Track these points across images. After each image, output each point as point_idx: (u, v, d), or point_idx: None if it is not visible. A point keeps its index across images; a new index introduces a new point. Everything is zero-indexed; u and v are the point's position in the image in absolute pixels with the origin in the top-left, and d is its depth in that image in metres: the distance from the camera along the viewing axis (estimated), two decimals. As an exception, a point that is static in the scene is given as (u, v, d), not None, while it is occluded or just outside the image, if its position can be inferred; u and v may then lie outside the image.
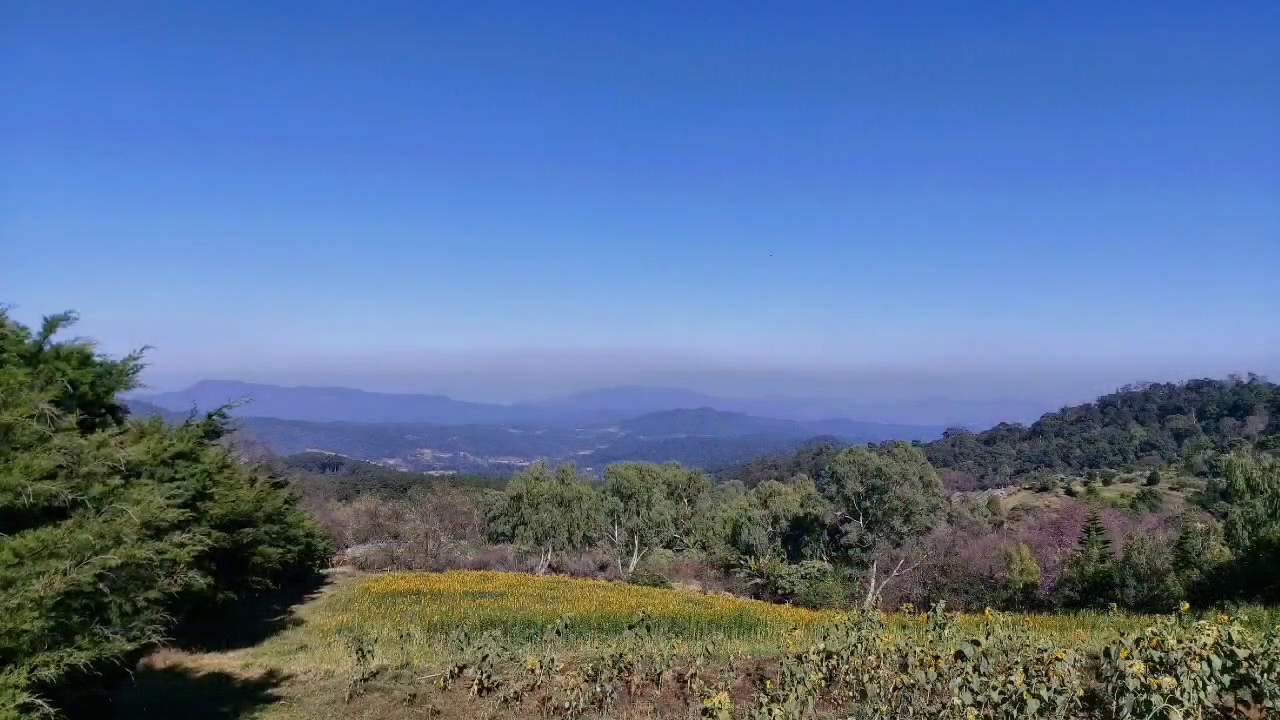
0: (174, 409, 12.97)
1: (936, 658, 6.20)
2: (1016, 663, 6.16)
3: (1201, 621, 5.81)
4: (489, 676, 8.02)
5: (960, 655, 5.93)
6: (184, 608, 9.22)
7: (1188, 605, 6.64)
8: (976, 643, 6.06)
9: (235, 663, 11.34)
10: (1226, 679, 5.35)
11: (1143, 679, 5.00)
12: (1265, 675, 5.30)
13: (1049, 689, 5.28)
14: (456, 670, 8.39)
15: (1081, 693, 5.56)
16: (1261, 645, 5.53)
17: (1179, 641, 5.47)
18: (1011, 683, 5.23)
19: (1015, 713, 5.14)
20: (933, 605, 8.13)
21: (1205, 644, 5.40)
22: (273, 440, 54.75)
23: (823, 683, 6.88)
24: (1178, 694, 4.93)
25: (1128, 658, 5.37)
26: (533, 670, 7.91)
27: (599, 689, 7.24)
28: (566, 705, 7.01)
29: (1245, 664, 5.39)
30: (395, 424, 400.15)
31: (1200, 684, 5.16)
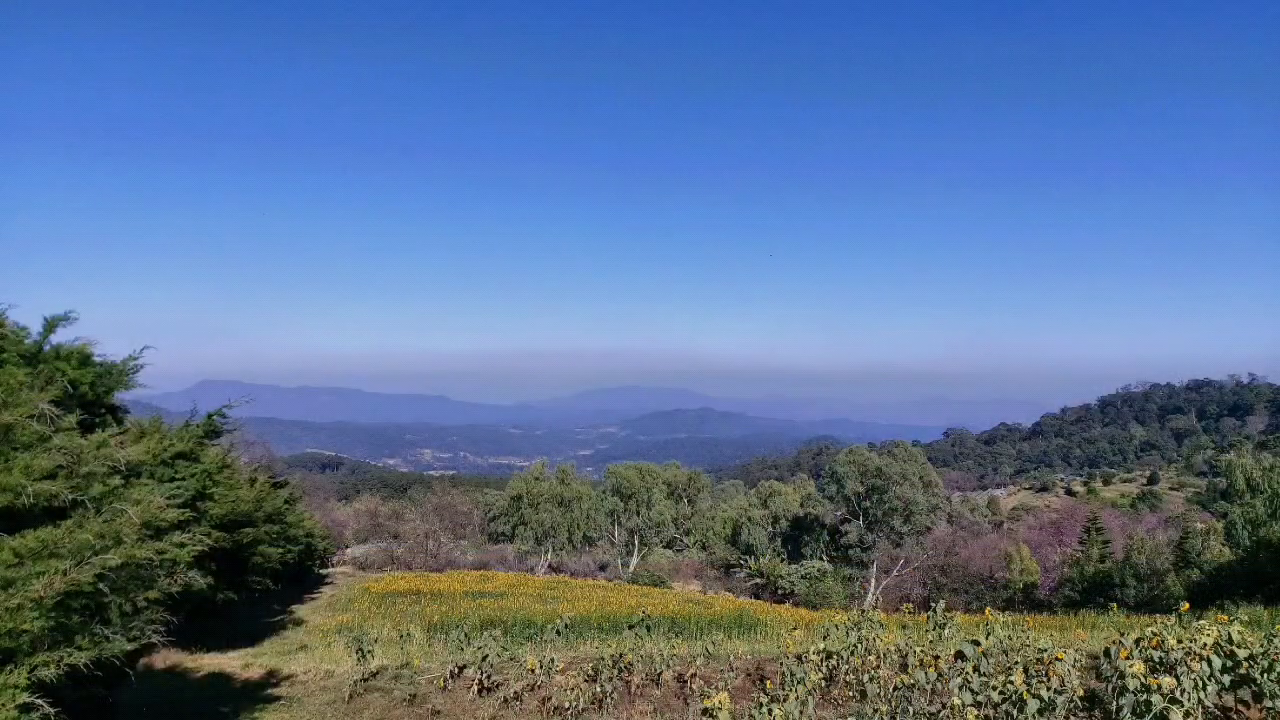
0: (174, 409, 12.99)
1: (936, 658, 6.20)
2: (1016, 663, 6.16)
3: (1201, 621, 5.81)
4: (489, 676, 8.02)
5: (960, 655, 5.93)
6: (184, 608, 9.21)
7: (1188, 605, 6.64)
8: (976, 643, 6.07)
9: (235, 663, 11.33)
10: (1226, 679, 5.35)
11: (1143, 679, 5.00)
12: (1265, 675, 5.30)
13: (1049, 689, 5.28)
14: (456, 670, 8.39)
15: (1081, 693, 5.56)
16: (1261, 645, 5.53)
17: (1179, 641, 5.47)
18: (1011, 683, 5.23)
19: (1015, 713, 5.14)
20: (933, 605, 8.13)
21: (1205, 644, 5.40)
22: (273, 440, 54.79)
23: (823, 683, 6.87)
24: (1178, 694, 4.93)
25: (1128, 658, 5.37)
26: (533, 670, 7.91)
27: (599, 689, 7.24)
28: (566, 705, 7.01)
29: (1245, 664, 5.38)
30: (395, 424, 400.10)
31: (1200, 684, 5.16)
